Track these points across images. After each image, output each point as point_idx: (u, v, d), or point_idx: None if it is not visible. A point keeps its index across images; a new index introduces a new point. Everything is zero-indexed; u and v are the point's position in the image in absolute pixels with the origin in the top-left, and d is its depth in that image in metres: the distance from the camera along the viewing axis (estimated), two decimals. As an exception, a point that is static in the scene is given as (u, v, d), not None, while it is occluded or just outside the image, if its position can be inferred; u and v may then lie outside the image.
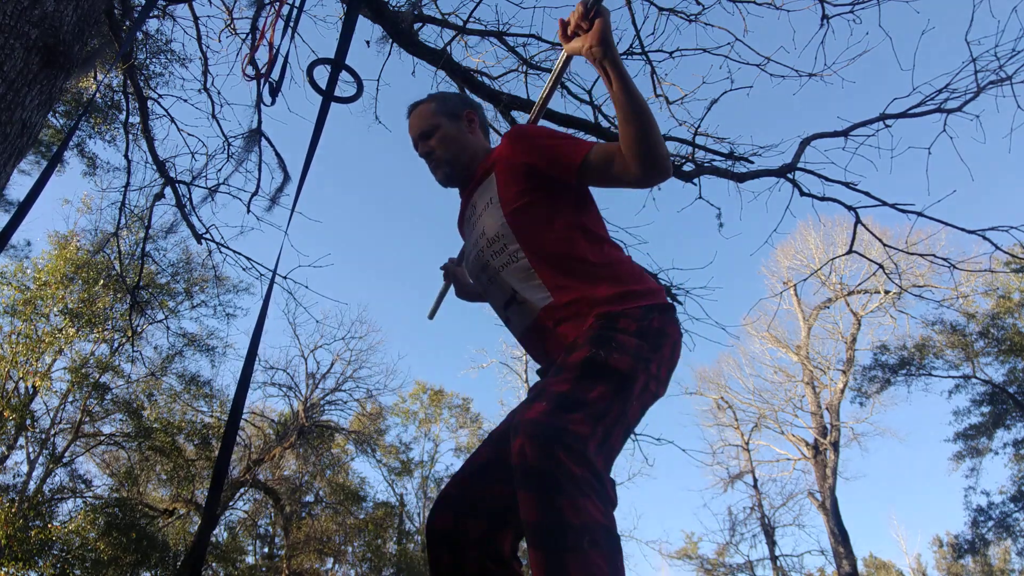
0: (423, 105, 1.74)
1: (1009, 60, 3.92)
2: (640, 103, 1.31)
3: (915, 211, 4.49)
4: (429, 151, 1.69)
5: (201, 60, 4.97)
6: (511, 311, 1.52)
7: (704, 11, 4.37)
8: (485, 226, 1.55)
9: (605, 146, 1.40)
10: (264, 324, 1.35)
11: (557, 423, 1.12)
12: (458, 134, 1.69)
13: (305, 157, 1.65)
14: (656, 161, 1.32)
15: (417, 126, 1.72)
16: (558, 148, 1.46)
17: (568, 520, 1.03)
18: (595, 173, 1.41)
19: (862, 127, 4.53)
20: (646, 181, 1.35)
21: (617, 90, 1.31)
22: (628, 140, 1.32)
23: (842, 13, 4.16)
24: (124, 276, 6.40)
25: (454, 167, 1.68)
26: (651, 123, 1.31)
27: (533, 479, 1.07)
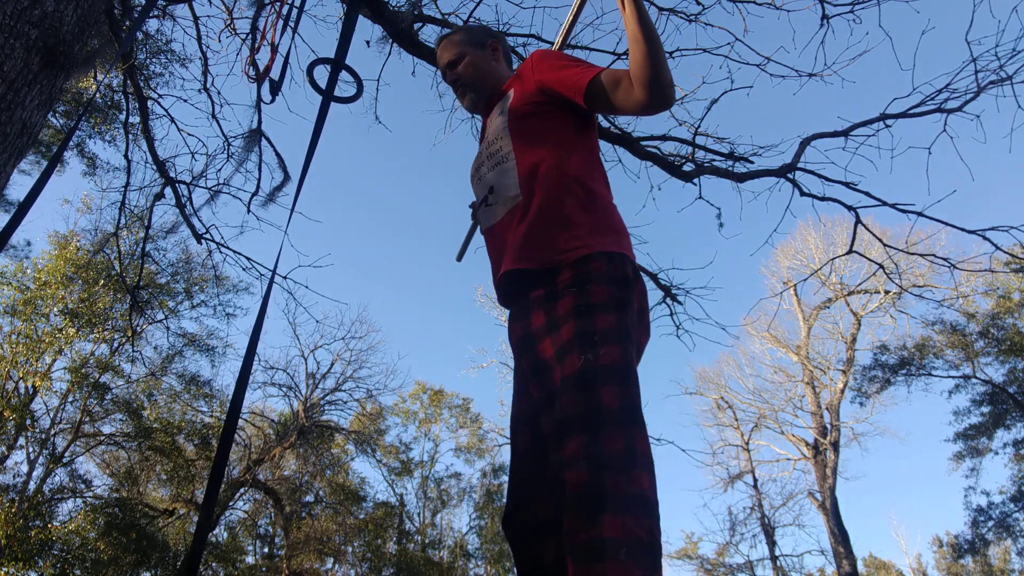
0: (451, 36, 1.83)
1: (1009, 60, 3.92)
2: (650, 27, 1.34)
3: (915, 211, 4.49)
4: (456, 78, 1.77)
5: (201, 60, 4.97)
6: (481, 210, 1.59)
7: (704, 11, 4.37)
8: (489, 132, 1.64)
9: (613, 71, 1.44)
10: (263, 323, 1.35)
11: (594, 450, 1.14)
12: (483, 61, 1.77)
13: (305, 157, 1.65)
14: (661, 86, 1.34)
15: (445, 55, 1.80)
16: (570, 68, 1.51)
17: (606, 533, 1.05)
18: (602, 96, 1.44)
19: (862, 127, 4.52)
20: (649, 107, 1.38)
21: (630, 11, 1.35)
22: (636, 61, 1.34)
23: (842, 13, 4.16)
24: (124, 276, 6.40)
25: (479, 92, 1.75)
26: (658, 47, 1.34)
27: (583, 502, 1.10)
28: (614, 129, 4.68)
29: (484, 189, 1.60)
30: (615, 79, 1.42)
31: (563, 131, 1.54)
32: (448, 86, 1.83)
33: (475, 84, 1.76)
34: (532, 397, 1.41)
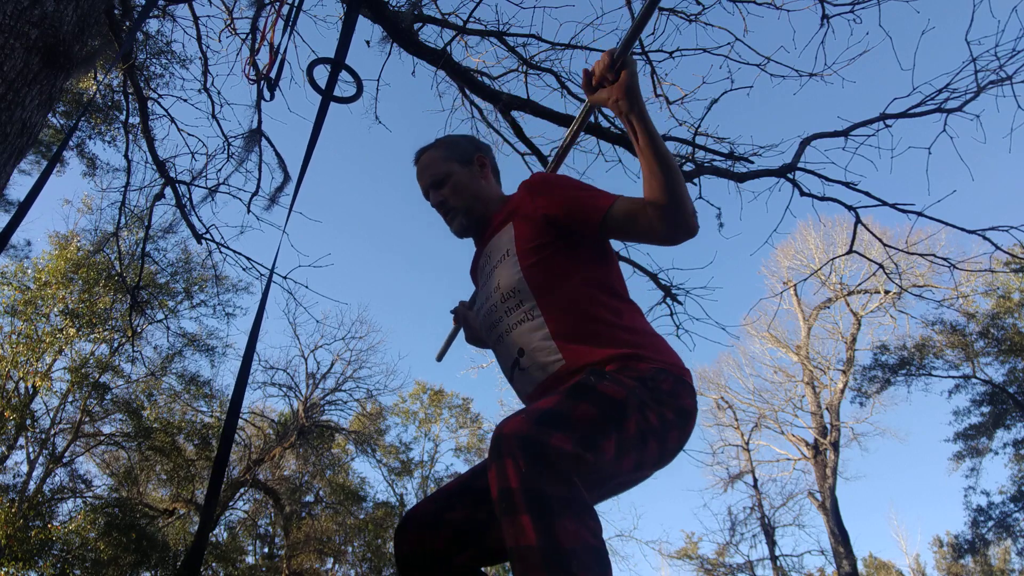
0: (431, 152, 1.68)
1: (1009, 60, 3.92)
2: (667, 158, 1.26)
3: (915, 211, 4.49)
4: (442, 200, 1.62)
5: (201, 60, 4.97)
6: (516, 372, 1.44)
7: (704, 11, 4.37)
8: (500, 279, 1.47)
9: (629, 200, 1.35)
10: (262, 321, 1.36)
11: (540, 438, 1.06)
12: (471, 181, 1.63)
13: (304, 156, 1.65)
14: (683, 219, 1.27)
15: (427, 175, 1.65)
16: (580, 200, 1.40)
17: (558, 543, 0.98)
18: (618, 228, 1.36)
19: (862, 127, 4.52)
20: (671, 239, 1.30)
21: (644, 145, 1.27)
22: (653, 196, 1.27)
23: (842, 13, 4.16)
24: (124, 276, 6.40)
25: (469, 217, 1.61)
26: (678, 179, 1.25)
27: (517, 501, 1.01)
28: (614, 129, 4.69)
29: (510, 350, 1.44)
30: (631, 212, 1.32)
31: (583, 263, 1.43)
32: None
33: (465, 208, 1.61)
34: None
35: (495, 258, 1.53)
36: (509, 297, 1.44)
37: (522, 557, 0.99)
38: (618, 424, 1.17)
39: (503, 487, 1.04)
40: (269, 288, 1.42)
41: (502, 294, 1.46)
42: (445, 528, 1.35)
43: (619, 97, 1.30)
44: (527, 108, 4.43)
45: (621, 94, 1.29)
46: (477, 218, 1.61)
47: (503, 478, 1.04)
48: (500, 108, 4.51)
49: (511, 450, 1.05)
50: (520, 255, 1.44)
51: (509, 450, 1.05)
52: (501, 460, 1.05)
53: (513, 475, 1.03)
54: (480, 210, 1.61)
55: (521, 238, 1.46)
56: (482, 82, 4.56)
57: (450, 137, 1.72)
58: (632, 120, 1.29)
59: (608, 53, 1.31)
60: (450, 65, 4.37)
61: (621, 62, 1.30)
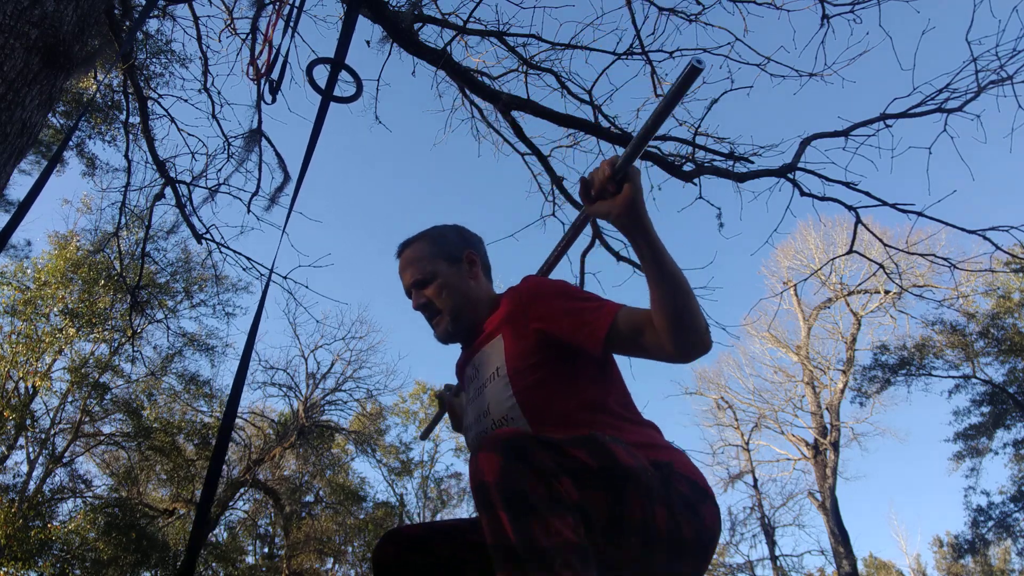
0: (416, 246, 1.53)
1: (1009, 60, 3.92)
2: (676, 277, 1.15)
3: (915, 211, 4.48)
4: (426, 303, 1.49)
5: (201, 60, 4.97)
6: None
7: (704, 11, 4.37)
8: (491, 403, 1.37)
9: (633, 314, 1.23)
10: (260, 322, 1.35)
11: (524, 444, 1.03)
12: (459, 281, 1.49)
13: (304, 156, 1.65)
14: (695, 338, 1.15)
15: (410, 273, 1.50)
16: (578, 318, 1.28)
17: (537, 541, 0.95)
18: (622, 346, 1.25)
19: (862, 127, 4.52)
20: (683, 359, 1.19)
21: (650, 263, 1.16)
22: (662, 316, 1.15)
23: (842, 13, 4.16)
24: (124, 276, 6.40)
25: (457, 322, 1.48)
26: (688, 298, 1.14)
27: (495, 496, 0.99)
28: (614, 129, 4.69)
29: None
30: (637, 327, 1.21)
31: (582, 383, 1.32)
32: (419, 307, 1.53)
33: (452, 312, 1.47)
34: None
35: (484, 373, 1.42)
36: (503, 424, 1.34)
37: (500, 554, 0.97)
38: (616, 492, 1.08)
39: (478, 481, 1.02)
40: (267, 288, 1.42)
41: (493, 420, 1.36)
42: (429, 555, 1.36)
43: (621, 213, 1.15)
44: (527, 108, 4.43)
45: (623, 210, 1.15)
46: (464, 323, 1.48)
47: (479, 472, 1.02)
48: (500, 108, 4.51)
49: (493, 445, 1.03)
50: (512, 376, 1.33)
51: (492, 445, 1.03)
52: (480, 454, 1.03)
53: (488, 469, 1.01)
54: (469, 315, 1.48)
55: (512, 356, 1.35)
56: (482, 82, 4.56)
57: (437, 230, 1.58)
58: (636, 238, 1.17)
59: (609, 163, 1.16)
60: (450, 65, 4.37)
61: (623, 173, 1.15)
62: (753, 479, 18.50)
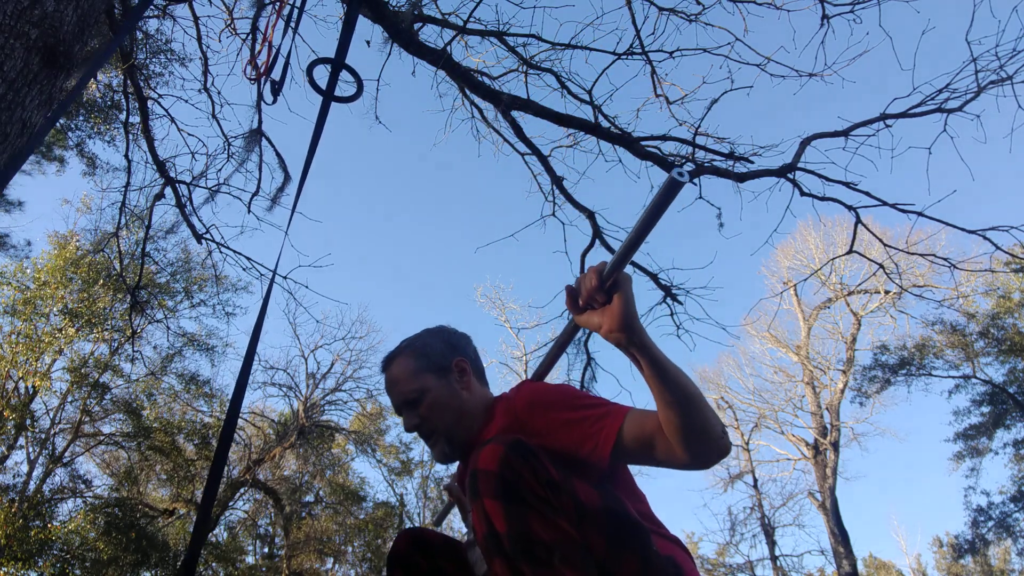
0: (400, 361, 1.43)
1: (1009, 60, 3.92)
2: (682, 386, 1.05)
3: (915, 211, 4.48)
4: (418, 424, 1.38)
5: (201, 60, 4.97)
6: None
7: (704, 11, 4.37)
8: None
9: (641, 422, 1.13)
10: (263, 325, 1.36)
11: (536, 451, 1.02)
12: (451, 396, 1.38)
13: (305, 157, 1.65)
14: (709, 447, 1.06)
15: (398, 392, 1.40)
16: (580, 430, 1.17)
17: (537, 535, 0.94)
18: (631, 457, 1.16)
19: (862, 127, 4.52)
20: (700, 466, 1.10)
21: (651, 377, 1.07)
22: (672, 428, 1.06)
23: (842, 13, 4.16)
24: (124, 276, 6.40)
25: (452, 442, 1.37)
26: (698, 406, 1.05)
27: (497, 486, 0.96)
28: (614, 129, 4.68)
29: None
30: (647, 438, 1.11)
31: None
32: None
33: (448, 430, 1.37)
34: None
35: None
36: None
37: (490, 544, 0.96)
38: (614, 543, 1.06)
39: (479, 469, 1.01)
40: (270, 291, 1.42)
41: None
42: (442, 557, 1.37)
43: (613, 328, 1.06)
44: (528, 109, 4.43)
45: (616, 324, 1.06)
46: (463, 439, 1.38)
47: (483, 460, 1.01)
48: (501, 109, 4.51)
49: (502, 440, 1.03)
50: None
51: (501, 439, 1.03)
52: (490, 445, 1.03)
53: (491, 459, 1.00)
54: (464, 432, 1.37)
55: None
56: (482, 82, 4.56)
57: (421, 340, 1.46)
58: (633, 353, 1.08)
59: (596, 271, 1.07)
60: (450, 65, 4.37)
61: (612, 281, 1.07)
62: (753, 479, 18.50)
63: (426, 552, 1.37)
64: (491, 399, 1.44)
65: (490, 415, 1.38)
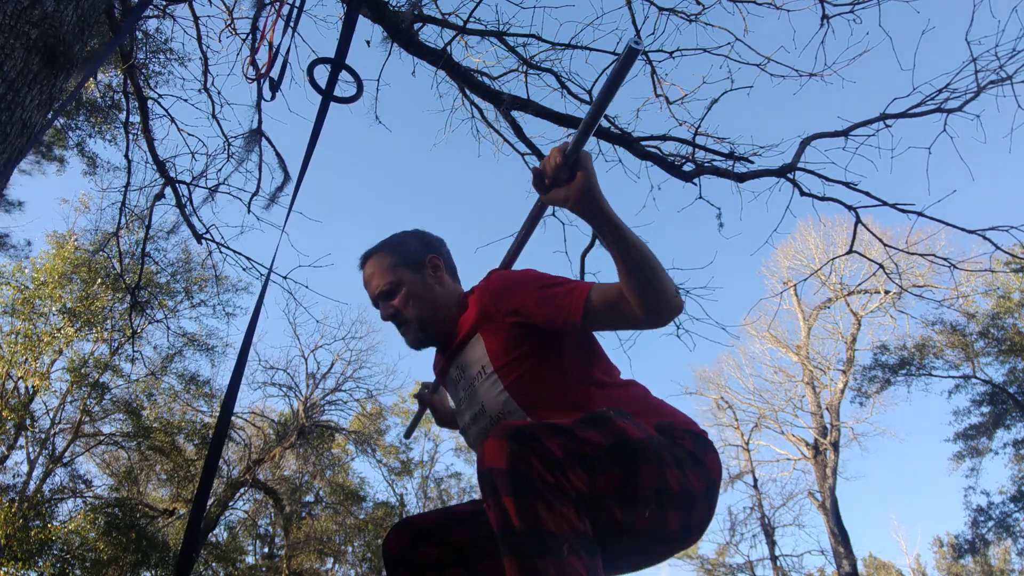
0: (377, 258, 1.53)
1: (1009, 60, 3.92)
2: (640, 252, 1.17)
3: (915, 211, 4.48)
4: (393, 313, 1.48)
5: (201, 60, 4.97)
6: None
7: (704, 11, 4.37)
8: (485, 401, 1.39)
9: (604, 290, 1.26)
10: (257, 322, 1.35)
11: (534, 431, 1.05)
12: (424, 288, 1.49)
13: (304, 157, 1.65)
14: (665, 305, 1.19)
15: (374, 284, 1.51)
16: (552, 302, 1.30)
17: (546, 526, 0.97)
18: (599, 321, 1.27)
19: (862, 127, 4.52)
20: (657, 324, 1.22)
21: (612, 242, 1.18)
22: (631, 287, 1.18)
23: (842, 13, 4.16)
24: (124, 276, 6.40)
25: (426, 329, 1.48)
26: (654, 270, 1.17)
27: (504, 482, 1.00)
28: (614, 129, 4.69)
29: None
30: (611, 301, 1.24)
31: (566, 363, 1.36)
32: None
33: (420, 320, 1.48)
34: None
35: (471, 373, 1.44)
36: (500, 419, 1.37)
37: (506, 540, 0.99)
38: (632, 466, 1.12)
39: (487, 467, 1.04)
40: (265, 289, 1.42)
41: (491, 418, 1.39)
42: (442, 545, 1.38)
43: (577, 199, 1.16)
44: (528, 109, 4.43)
45: (579, 196, 1.16)
46: (434, 330, 1.49)
47: (489, 458, 1.04)
48: (501, 109, 4.51)
49: (502, 434, 1.05)
50: (500, 372, 1.36)
51: (501, 433, 1.05)
52: (490, 441, 1.06)
53: (499, 455, 1.03)
54: (437, 320, 1.49)
55: (495, 352, 1.37)
56: (482, 82, 4.56)
57: (397, 238, 1.58)
58: (595, 222, 1.19)
59: (559, 150, 1.16)
60: (450, 65, 4.37)
61: (575, 159, 1.16)
62: (753, 479, 18.51)
63: (420, 540, 1.39)
64: (463, 293, 1.55)
65: (463, 306, 1.49)
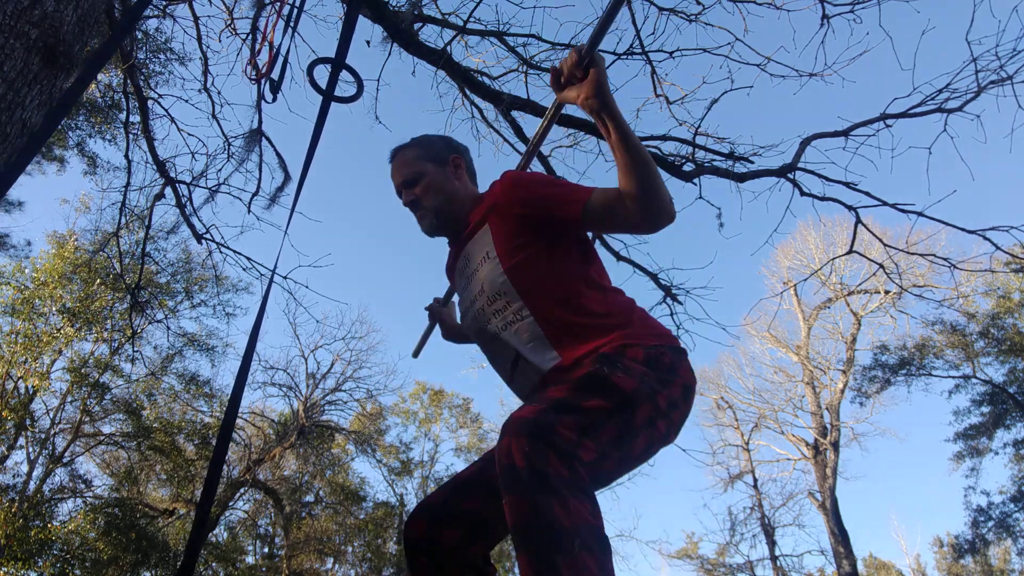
0: (405, 151, 1.67)
1: (1009, 60, 3.92)
2: (639, 151, 1.27)
3: (915, 211, 4.48)
4: (414, 200, 1.61)
5: (201, 60, 4.97)
6: (516, 373, 1.46)
7: (704, 11, 4.37)
8: (484, 283, 1.47)
9: (605, 192, 1.35)
10: (261, 325, 1.35)
11: (547, 421, 1.09)
12: (444, 181, 1.62)
13: (305, 157, 1.65)
14: (660, 208, 1.28)
15: (400, 173, 1.64)
16: (557, 197, 1.40)
17: (559, 521, 1.00)
18: (597, 219, 1.36)
19: (862, 127, 4.52)
20: (651, 227, 1.32)
21: (616, 141, 1.28)
22: (629, 190, 1.28)
23: (842, 13, 4.16)
24: (124, 276, 6.40)
25: (441, 217, 1.60)
26: (652, 171, 1.27)
27: (521, 479, 1.04)
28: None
29: (504, 351, 1.46)
30: (609, 203, 1.32)
31: (564, 259, 1.44)
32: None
33: (437, 208, 1.60)
34: None
35: (475, 260, 1.52)
36: (496, 299, 1.44)
37: (522, 535, 1.03)
38: (630, 413, 1.21)
39: (505, 464, 1.07)
40: (269, 291, 1.42)
41: (488, 297, 1.46)
42: (460, 521, 1.38)
43: (588, 95, 1.29)
44: (528, 109, 4.43)
45: (590, 92, 1.29)
46: (448, 219, 1.60)
47: (507, 456, 1.07)
48: (501, 109, 4.51)
49: (516, 430, 1.09)
50: (501, 256, 1.44)
51: (515, 430, 1.09)
52: (506, 439, 1.09)
53: (516, 454, 1.06)
54: (452, 211, 1.60)
55: (500, 239, 1.46)
56: (482, 82, 4.56)
57: (426, 137, 1.71)
58: (603, 117, 1.29)
59: (575, 50, 1.29)
60: (450, 65, 4.37)
61: (589, 59, 1.29)
62: (753, 479, 18.50)
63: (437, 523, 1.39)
64: (479, 193, 1.67)
65: (478, 202, 1.60)
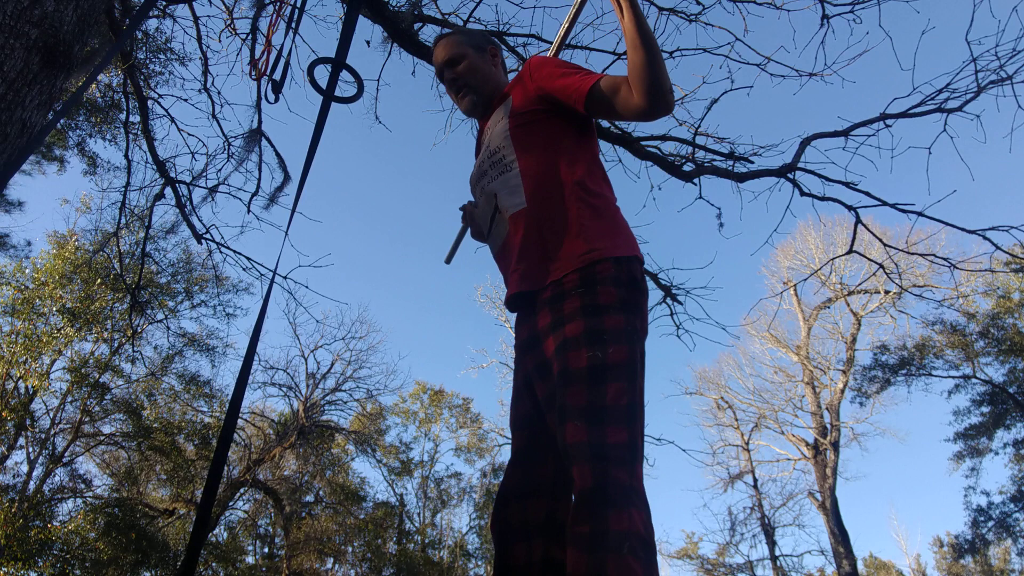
0: (451, 36, 1.82)
1: (1009, 60, 3.92)
2: (649, 34, 1.34)
3: (915, 211, 4.49)
4: (455, 77, 1.75)
5: (201, 60, 4.97)
6: (493, 226, 1.57)
7: (704, 11, 4.36)
8: (491, 139, 1.63)
9: (612, 77, 1.44)
10: (263, 325, 1.35)
11: (599, 440, 1.17)
12: (483, 65, 1.77)
13: (305, 157, 1.64)
14: (660, 92, 1.35)
15: (444, 53, 1.78)
16: (569, 75, 1.51)
17: (611, 526, 1.08)
18: (602, 103, 1.44)
19: (862, 127, 4.52)
20: (649, 113, 1.38)
21: (628, 19, 1.34)
22: (635, 69, 1.35)
23: (842, 13, 4.16)
24: (124, 276, 6.39)
25: (479, 95, 1.75)
26: (657, 54, 1.34)
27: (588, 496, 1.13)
28: (614, 129, 4.68)
29: (489, 200, 1.58)
30: (615, 86, 1.42)
31: (565, 137, 1.55)
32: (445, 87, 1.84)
33: (476, 87, 1.75)
34: (534, 399, 1.44)
35: (492, 125, 1.67)
36: (495, 152, 1.59)
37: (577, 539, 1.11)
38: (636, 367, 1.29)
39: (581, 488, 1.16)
40: (270, 291, 1.42)
41: (490, 151, 1.61)
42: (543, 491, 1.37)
43: None
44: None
45: None
46: (485, 99, 1.75)
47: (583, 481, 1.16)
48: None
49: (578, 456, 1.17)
50: (511, 118, 1.58)
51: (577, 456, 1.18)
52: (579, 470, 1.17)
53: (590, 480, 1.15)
54: (487, 92, 1.75)
55: (515, 106, 1.59)
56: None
57: (467, 28, 1.90)
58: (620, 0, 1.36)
59: None
60: (450, 65, 4.36)
61: None
62: (753, 479, 18.50)
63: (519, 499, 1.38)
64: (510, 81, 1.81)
65: (511, 84, 1.71)
